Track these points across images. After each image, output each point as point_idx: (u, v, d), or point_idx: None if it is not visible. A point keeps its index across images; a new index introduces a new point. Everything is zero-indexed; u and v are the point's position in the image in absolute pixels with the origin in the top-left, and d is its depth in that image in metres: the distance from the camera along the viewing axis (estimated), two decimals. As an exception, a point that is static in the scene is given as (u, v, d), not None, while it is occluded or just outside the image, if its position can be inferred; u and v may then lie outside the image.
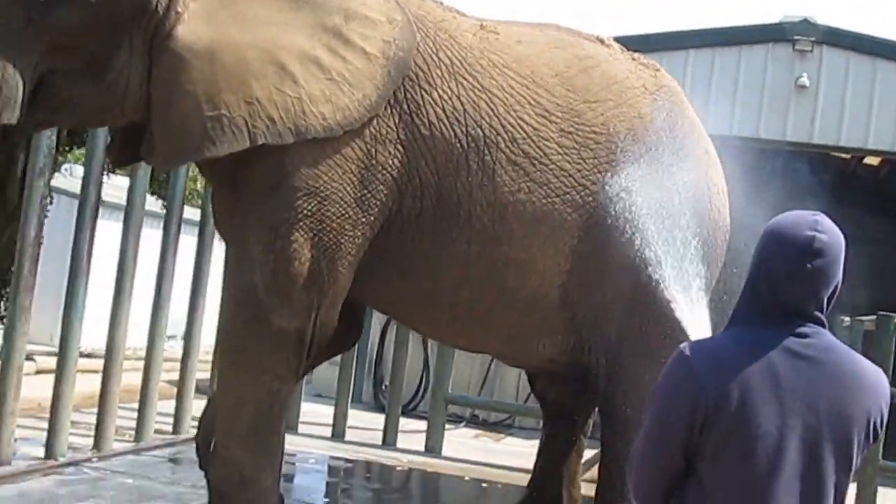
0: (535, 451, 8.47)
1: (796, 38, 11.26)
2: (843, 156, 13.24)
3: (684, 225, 4.55)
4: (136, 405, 7.75)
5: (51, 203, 9.22)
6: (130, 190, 7.19)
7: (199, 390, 8.47)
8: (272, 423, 4.33)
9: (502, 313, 4.49)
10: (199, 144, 3.99)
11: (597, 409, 5.21)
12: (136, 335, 7.92)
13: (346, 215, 4.11)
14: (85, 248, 6.58)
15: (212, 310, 8.24)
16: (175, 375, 8.37)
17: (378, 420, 9.33)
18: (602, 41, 4.81)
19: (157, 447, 7.57)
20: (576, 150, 4.40)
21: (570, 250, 4.43)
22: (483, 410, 11.18)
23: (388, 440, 8.83)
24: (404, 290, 4.50)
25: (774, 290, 2.06)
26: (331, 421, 8.91)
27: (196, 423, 8.14)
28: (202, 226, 8.15)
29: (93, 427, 7.18)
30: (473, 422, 11.08)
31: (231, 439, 4.36)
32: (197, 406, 8.37)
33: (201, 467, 4.76)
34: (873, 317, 7.76)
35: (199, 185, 16.90)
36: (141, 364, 7.91)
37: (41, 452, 6.61)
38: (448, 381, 8.92)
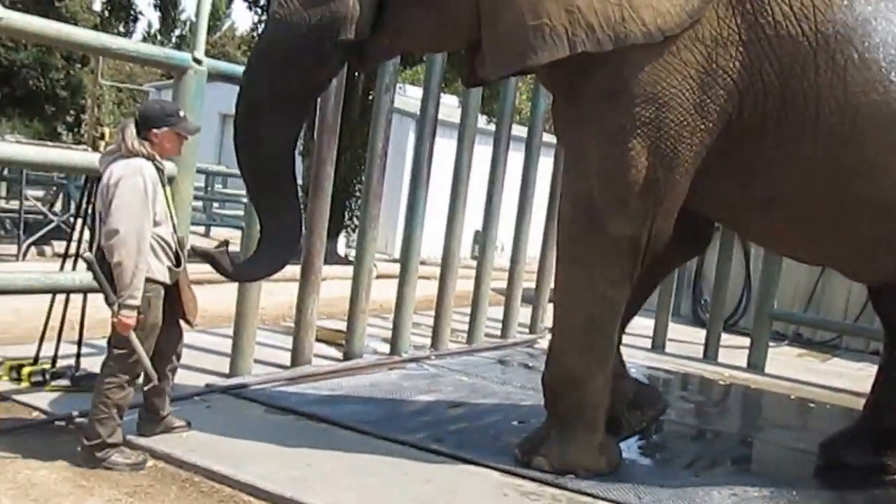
0: (863, 373, 8.15)
1: None
2: None
3: None
4: (467, 310, 8.21)
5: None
6: (463, 107, 7.54)
7: (524, 299, 8.81)
8: (605, 328, 4.44)
9: (849, 223, 4.26)
10: (522, 53, 4.08)
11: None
12: (466, 245, 8.34)
13: (685, 122, 4.06)
14: (425, 161, 6.99)
15: (537, 223, 8.54)
16: (503, 284, 8.74)
17: (697, 334, 9.26)
18: None
19: (487, 349, 8.01)
20: None
21: None
22: (808, 328, 10.70)
23: (709, 354, 8.76)
24: (743, 197, 4.38)
25: None
26: (650, 333, 8.94)
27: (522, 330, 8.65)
28: (528, 141, 8.39)
29: (429, 328, 7.72)
30: (797, 340, 10.65)
31: (564, 341, 4.53)
32: (523, 314, 8.78)
33: None
34: None
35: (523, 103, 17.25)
36: (471, 272, 8.35)
37: (386, 348, 7.22)
38: (773, 298, 8.65)
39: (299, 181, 4.78)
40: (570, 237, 4.41)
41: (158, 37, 29.31)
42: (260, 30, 16.13)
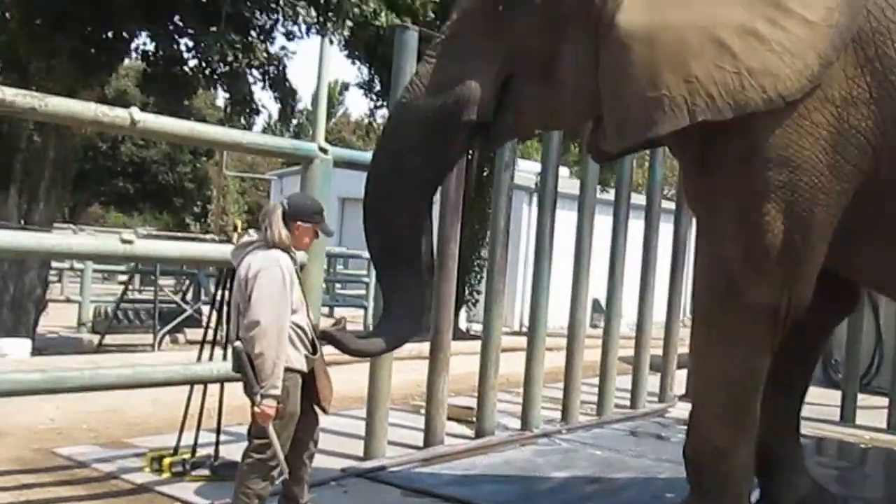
0: None
1: None
2: None
3: None
4: (596, 381, 8.10)
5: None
6: (583, 178, 7.56)
7: (652, 367, 8.64)
8: (747, 398, 4.30)
9: None
10: (643, 125, 4.08)
11: None
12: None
13: (819, 184, 3.96)
14: (547, 233, 7.00)
15: (659, 290, 8.41)
16: (629, 352, 8.60)
17: (829, 396, 8.84)
18: None
19: (617, 420, 7.86)
20: None
21: None
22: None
23: (846, 416, 8.38)
24: (887, 258, 4.23)
25: None
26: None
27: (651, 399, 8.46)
28: (648, 209, 8.33)
29: (557, 401, 7.63)
30: None
31: (706, 412, 4.41)
32: (652, 382, 8.60)
33: None
34: None
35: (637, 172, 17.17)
36: (597, 342, 8.24)
37: (517, 424, 7.16)
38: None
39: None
40: (708, 305, 4.33)
41: (277, 126, 30.39)
42: (376, 116, 16.59)
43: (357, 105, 69.91)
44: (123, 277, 17.47)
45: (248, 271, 4.14)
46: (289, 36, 11.76)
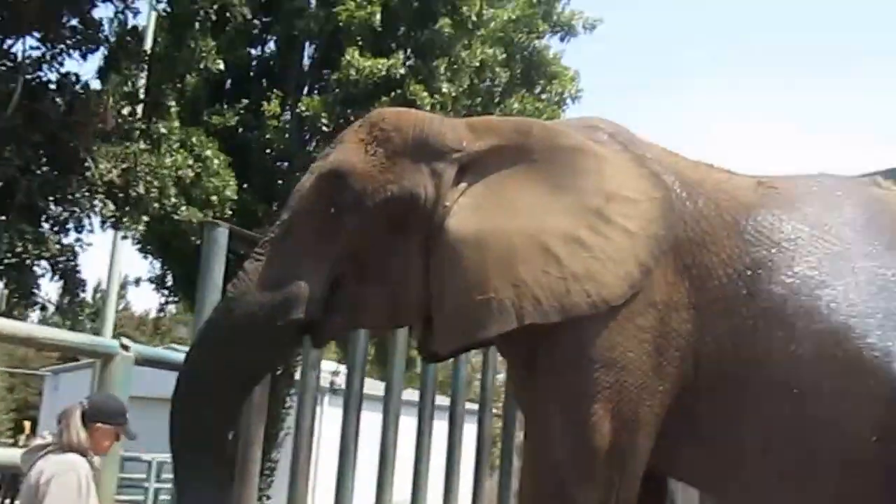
0: None
1: None
2: None
3: None
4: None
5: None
6: (388, 380, 7.45)
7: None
8: None
9: (814, 476, 4.21)
10: (472, 328, 4.11)
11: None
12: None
13: (644, 385, 4.04)
14: (352, 435, 6.77)
15: (464, 492, 8.24)
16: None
17: None
18: (880, 185, 4.67)
19: None
20: (881, 293, 4.18)
21: (885, 403, 4.13)
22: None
23: None
24: (704, 455, 4.32)
25: None
26: None
27: None
28: (452, 409, 8.26)
29: None
30: None
31: None
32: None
33: None
34: None
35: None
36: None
37: None
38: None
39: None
40: None
41: (56, 319, 28.82)
42: (166, 311, 16.15)
43: (139, 301, 67.82)
44: None
45: (39, 478, 3.75)
46: (79, 229, 11.35)
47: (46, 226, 10.45)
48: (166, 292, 15.82)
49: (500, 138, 4.34)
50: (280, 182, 14.47)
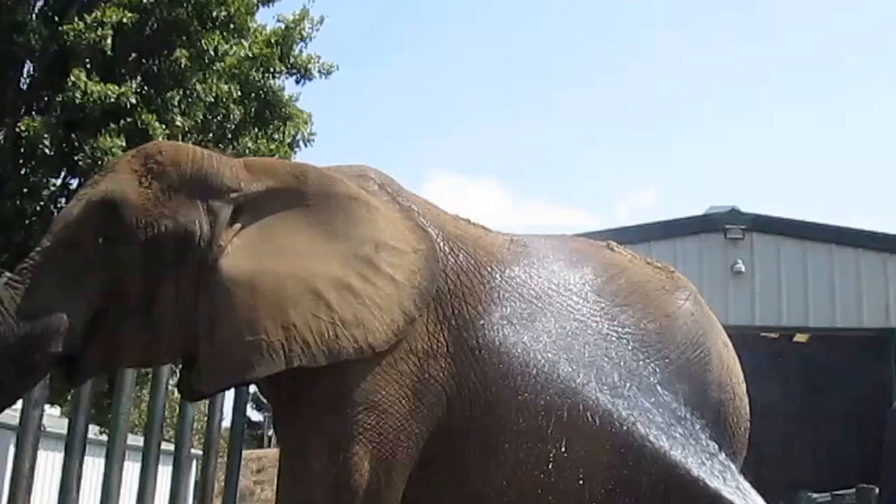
0: None
1: (727, 226, 12.07)
2: (772, 335, 13.67)
3: (718, 419, 4.79)
4: None
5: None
6: (73, 418, 7.08)
7: None
8: None
9: None
10: (240, 367, 4.13)
11: None
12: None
13: (402, 427, 4.21)
14: (25, 474, 6.38)
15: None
16: None
17: None
18: (613, 248, 5.19)
19: None
20: (611, 351, 4.63)
21: (611, 447, 4.56)
22: None
23: None
24: (454, 494, 4.55)
25: None
26: None
27: None
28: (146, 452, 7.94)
29: None
30: None
31: None
32: None
33: None
34: (852, 490, 7.92)
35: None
36: None
37: None
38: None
39: None
40: None
41: None
42: None
43: None
44: None
45: None
46: None
47: None
48: None
49: (277, 181, 4.40)
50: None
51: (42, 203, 13.64)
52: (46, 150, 12.66)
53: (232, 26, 14.26)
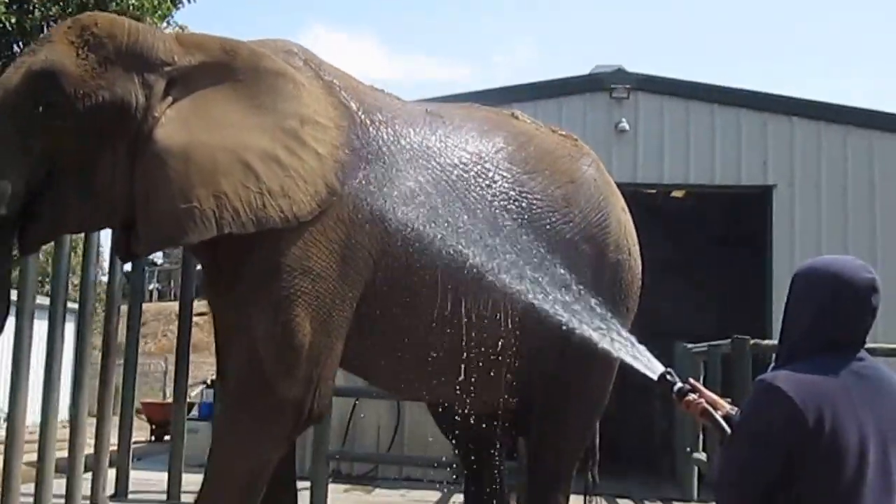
0: (406, 498, 8.99)
1: (613, 86, 12.30)
2: (650, 191, 13.89)
3: (615, 277, 5.19)
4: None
5: None
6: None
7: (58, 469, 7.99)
8: (259, 486, 4.56)
9: (467, 364, 4.92)
10: (174, 233, 4.34)
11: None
12: None
13: (336, 290, 4.48)
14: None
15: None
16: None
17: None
18: (517, 117, 5.44)
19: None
20: (522, 215, 4.93)
21: (512, 309, 4.89)
22: (346, 463, 11.42)
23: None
24: (376, 347, 4.85)
25: (846, 324, 2.52)
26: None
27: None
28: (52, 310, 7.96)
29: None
30: (338, 477, 10.96)
31: (221, 498, 4.54)
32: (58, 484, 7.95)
33: None
34: (727, 341, 8.28)
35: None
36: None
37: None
38: (329, 437, 9.04)
39: None
40: (238, 401, 4.56)
41: None
42: None
43: None
44: None
45: None
46: None
47: None
48: None
49: (208, 56, 4.54)
50: None
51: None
52: None
53: None
